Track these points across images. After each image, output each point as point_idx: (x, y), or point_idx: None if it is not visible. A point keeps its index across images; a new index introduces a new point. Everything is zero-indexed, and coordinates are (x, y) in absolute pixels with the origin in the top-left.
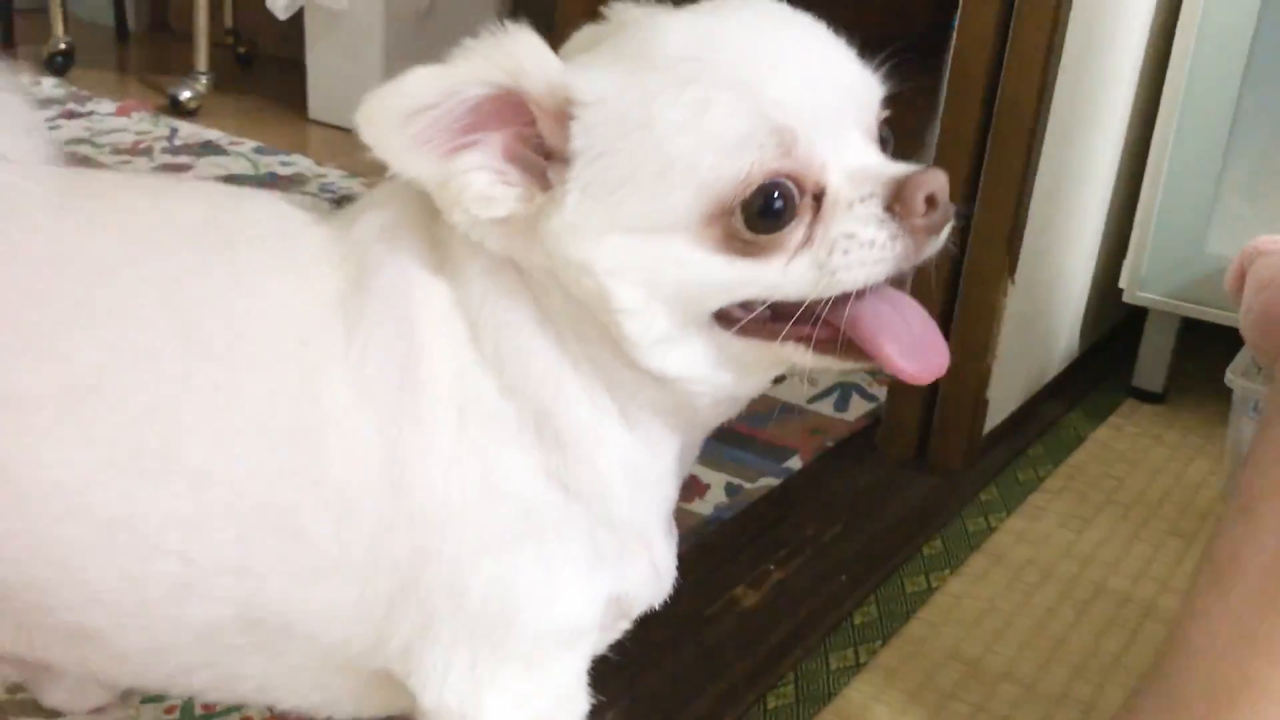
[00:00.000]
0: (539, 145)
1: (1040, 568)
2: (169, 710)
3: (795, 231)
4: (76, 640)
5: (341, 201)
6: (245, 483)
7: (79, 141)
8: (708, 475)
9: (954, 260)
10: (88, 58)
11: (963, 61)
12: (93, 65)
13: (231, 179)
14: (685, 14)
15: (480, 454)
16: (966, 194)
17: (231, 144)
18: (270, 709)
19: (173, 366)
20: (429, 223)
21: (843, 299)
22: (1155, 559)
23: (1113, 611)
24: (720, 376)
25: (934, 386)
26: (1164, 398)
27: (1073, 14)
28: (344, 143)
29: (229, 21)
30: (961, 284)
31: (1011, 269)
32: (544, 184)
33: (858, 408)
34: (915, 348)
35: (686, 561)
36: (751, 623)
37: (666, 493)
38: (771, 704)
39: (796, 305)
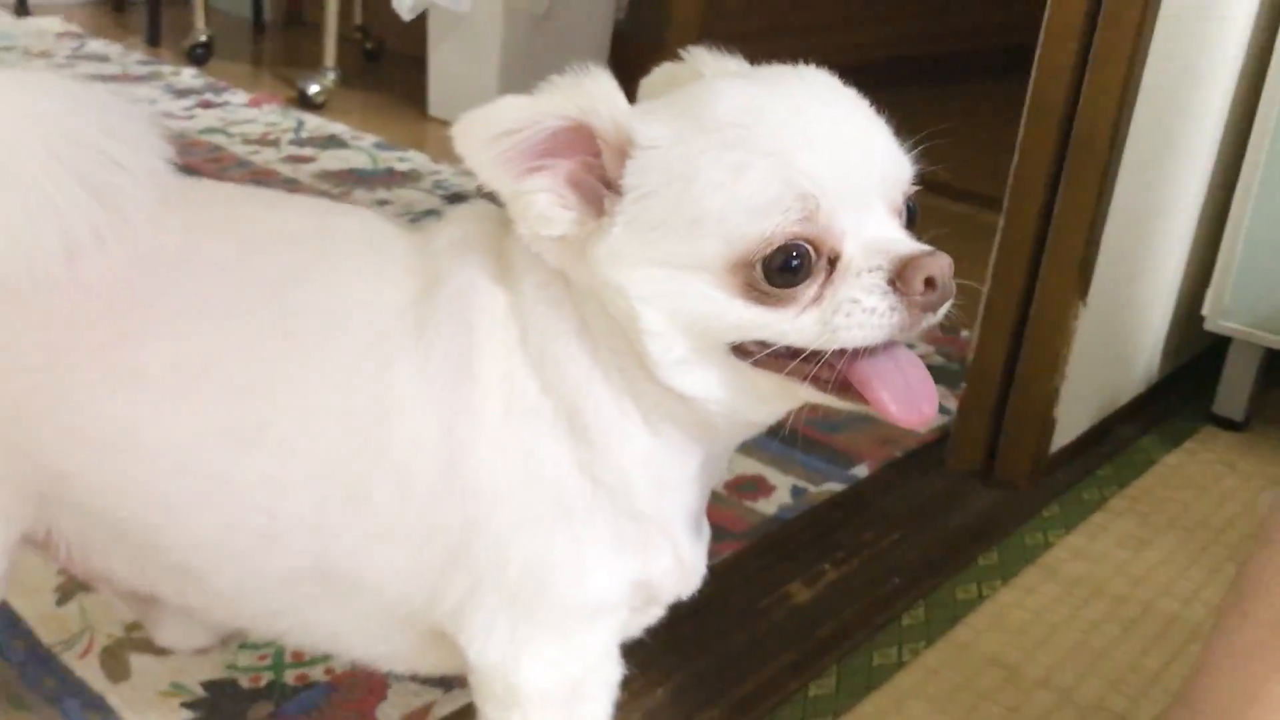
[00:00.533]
0: (600, 176)
1: (1092, 584)
2: (261, 657)
3: (808, 289)
4: (180, 577)
5: (454, 198)
6: (323, 454)
7: (212, 131)
8: (775, 477)
9: (1027, 279)
10: (226, 49)
11: (1041, 90)
12: (230, 57)
13: (351, 172)
14: (739, 81)
15: (521, 443)
16: (1040, 218)
17: (354, 138)
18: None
19: (271, 353)
20: (497, 240)
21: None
22: (1209, 583)
23: (1158, 630)
24: (735, 401)
25: (1003, 402)
26: (1245, 426)
27: (1159, 48)
28: None
29: (359, 18)
30: (1034, 303)
31: (1083, 293)
32: (598, 211)
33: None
34: (906, 395)
35: (744, 556)
36: (801, 617)
37: (691, 495)
38: (813, 692)
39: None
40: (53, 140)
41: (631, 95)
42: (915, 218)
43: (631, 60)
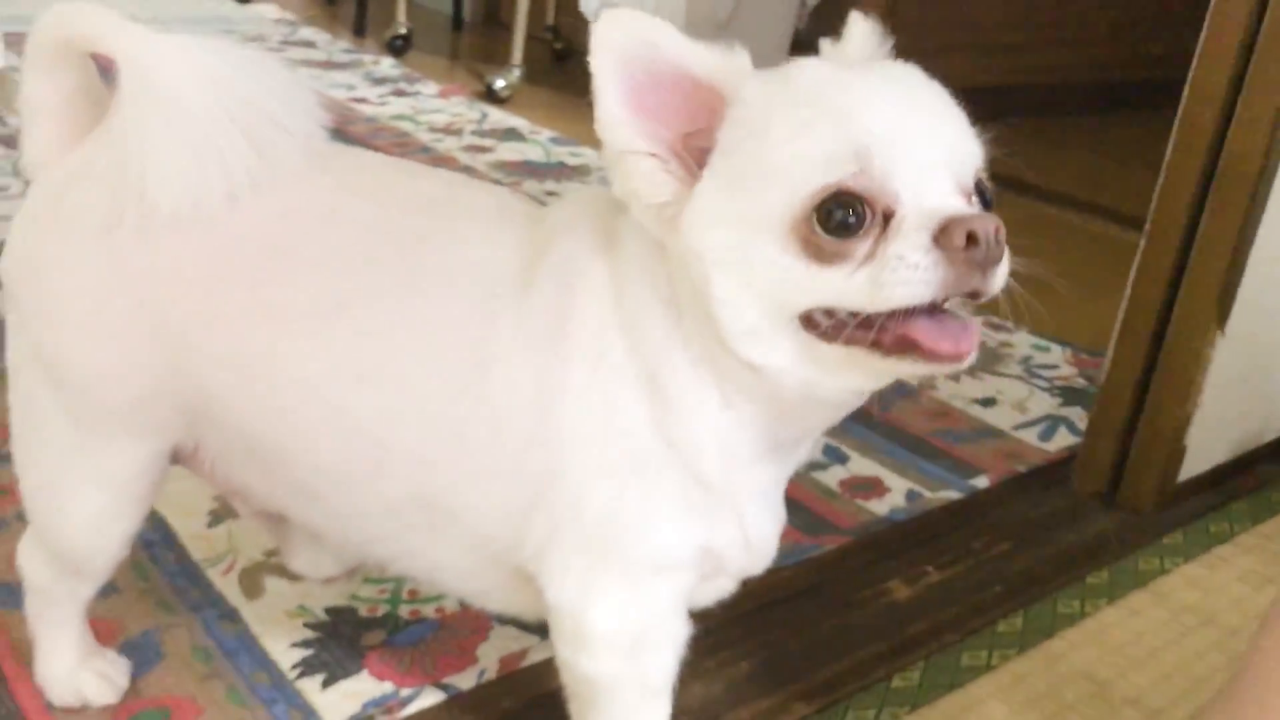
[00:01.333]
0: (702, 149)
1: (1203, 614)
2: (381, 591)
3: (861, 244)
4: (302, 496)
5: None
6: (433, 394)
7: (402, 118)
8: (892, 480)
9: (1164, 303)
10: (424, 43)
11: (1191, 114)
12: (427, 50)
13: (525, 164)
14: (831, 63)
15: (604, 396)
16: (1182, 243)
17: (531, 132)
18: (459, 605)
19: (394, 302)
20: (605, 217)
21: (901, 314)
22: None
23: None
24: (802, 372)
25: (1133, 426)
26: None
27: None
28: None
29: (550, 19)
30: (1170, 328)
31: (1221, 321)
32: (695, 182)
33: (1061, 440)
34: (948, 333)
35: (848, 550)
36: (897, 613)
37: (763, 474)
38: (895, 684)
39: (868, 317)
40: (225, 97)
41: None
42: (990, 203)
43: None
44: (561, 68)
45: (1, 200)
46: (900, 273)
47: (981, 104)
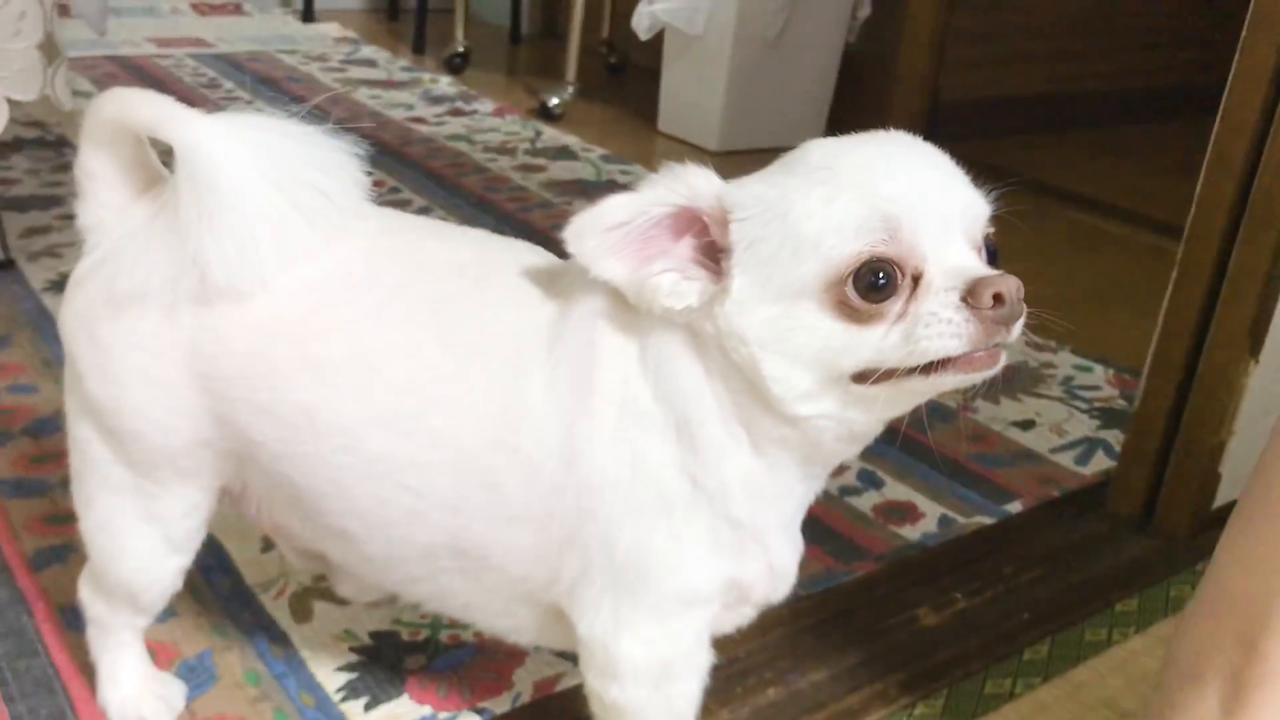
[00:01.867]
0: (712, 247)
1: None
2: (423, 616)
3: (894, 305)
4: (340, 539)
5: None
6: (465, 444)
7: (457, 138)
8: (925, 505)
9: (1198, 330)
10: (482, 59)
11: (1223, 144)
12: (485, 67)
13: (576, 183)
14: (832, 139)
15: (631, 442)
16: (1215, 270)
17: (583, 150)
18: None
19: (430, 357)
20: None
21: (935, 365)
22: None
23: None
24: (847, 414)
25: (1167, 451)
26: None
27: None
28: (685, 155)
29: (605, 32)
30: (1203, 355)
31: (1255, 351)
32: (718, 276)
33: (1098, 463)
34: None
35: (877, 577)
36: (923, 640)
37: (788, 506)
38: (919, 711)
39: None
40: (273, 172)
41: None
42: (996, 257)
43: (861, 84)
44: (616, 81)
45: (70, 227)
46: (934, 327)
47: (1036, 114)
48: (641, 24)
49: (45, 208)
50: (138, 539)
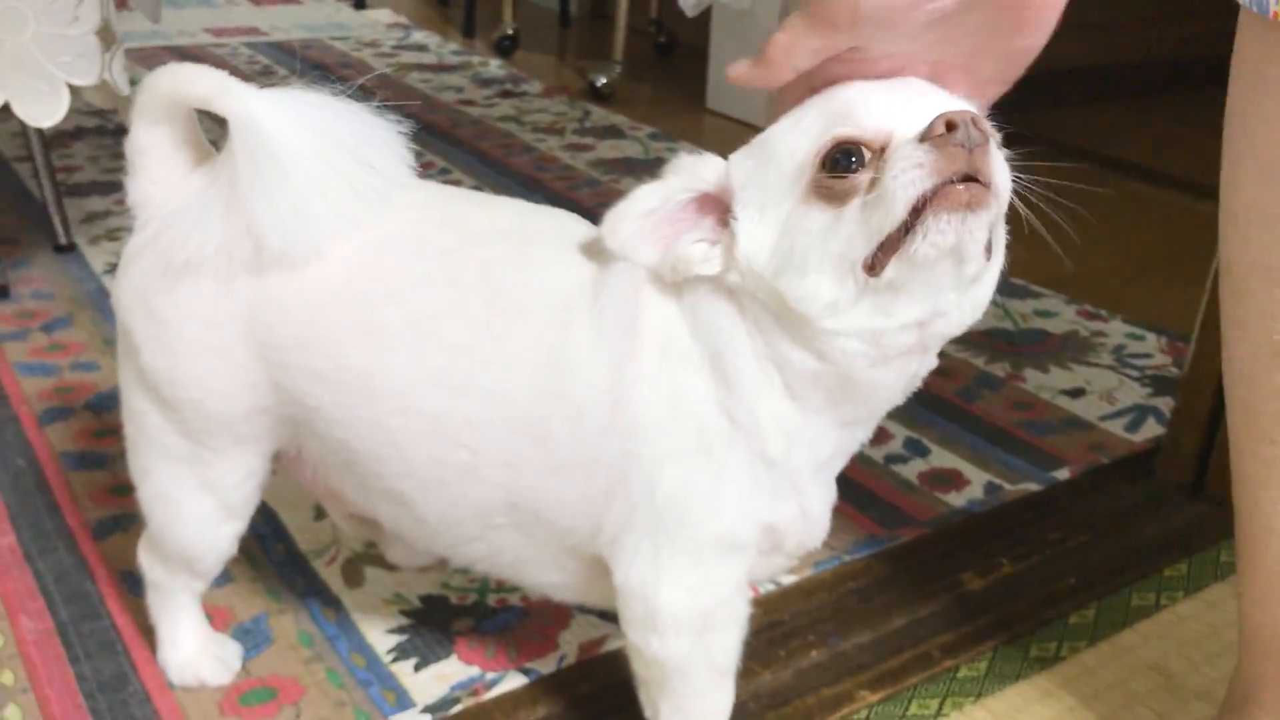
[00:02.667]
0: (727, 213)
1: None
2: (471, 580)
3: (864, 176)
4: (394, 502)
5: None
6: (516, 398)
7: (507, 119)
8: (971, 472)
9: None
10: (531, 41)
11: None
12: (534, 48)
13: (624, 161)
14: None
15: (671, 379)
16: None
17: (631, 129)
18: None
19: (479, 318)
20: None
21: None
22: None
23: None
24: (875, 323)
25: (1217, 415)
26: None
27: None
28: (734, 133)
29: (654, 12)
30: None
31: None
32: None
33: (1149, 430)
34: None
35: (923, 542)
36: (968, 604)
37: (823, 451)
38: (962, 673)
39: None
40: (324, 145)
41: None
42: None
43: None
44: (664, 60)
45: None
46: (896, 173)
47: (1091, 84)
48: (688, 1)
49: (105, 193)
50: (194, 506)
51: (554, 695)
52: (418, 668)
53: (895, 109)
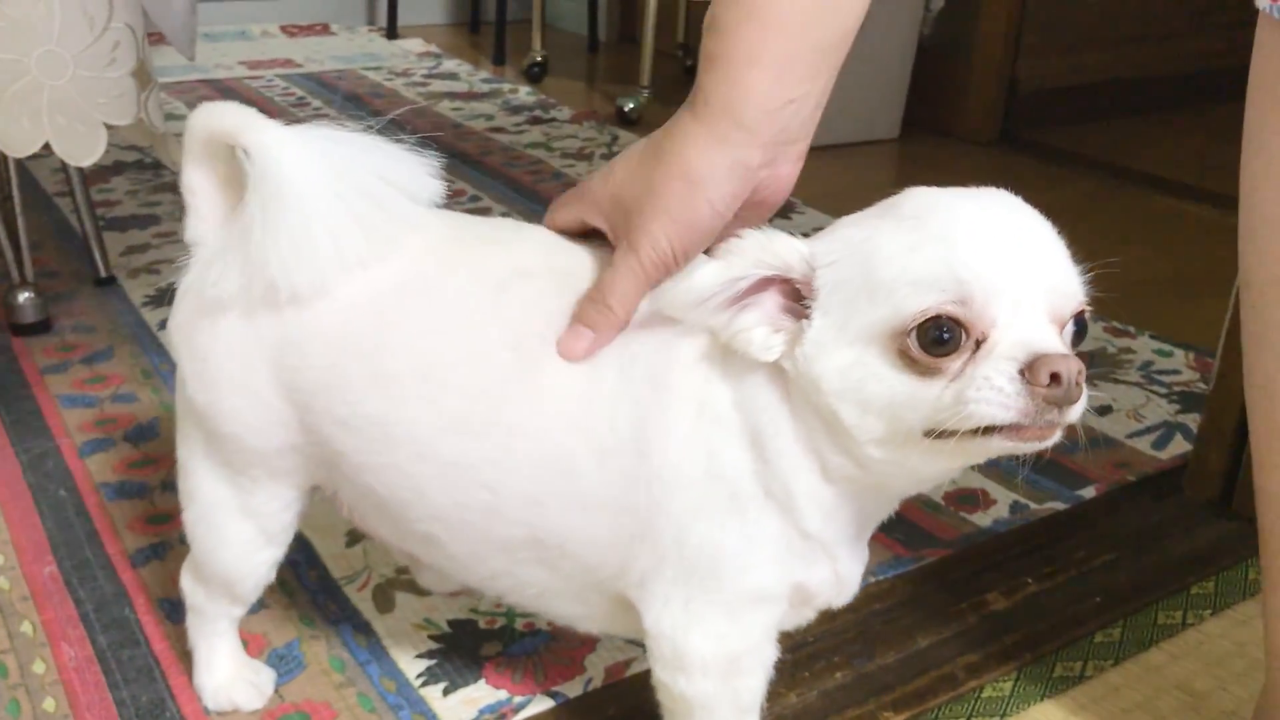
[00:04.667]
0: (798, 294)
1: None
2: (498, 605)
3: (954, 363)
4: (425, 542)
5: None
6: (541, 437)
7: (536, 145)
8: (997, 492)
9: None
10: (560, 68)
11: None
12: (564, 75)
13: None
14: (935, 189)
15: (707, 442)
16: None
17: None
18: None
19: (501, 362)
20: None
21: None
22: None
23: None
24: (916, 463)
25: (1244, 432)
26: None
27: None
28: None
29: (680, 36)
30: None
31: None
32: (802, 318)
33: (1176, 447)
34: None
35: (948, 562)
36: (993, 624)
37: (859, 524)
38: (986, 693)
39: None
40: (336, 182)
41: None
42: (1085, 333)
43: (937, 76)
44: (691, 85)
45: (167, 244)
46: (984, 392)
47: (1118, 99)
48: None
49: (144, 226)
50: (235, 532)
51: (581, 718)
52: (446, 692)
53: (1015, 288)
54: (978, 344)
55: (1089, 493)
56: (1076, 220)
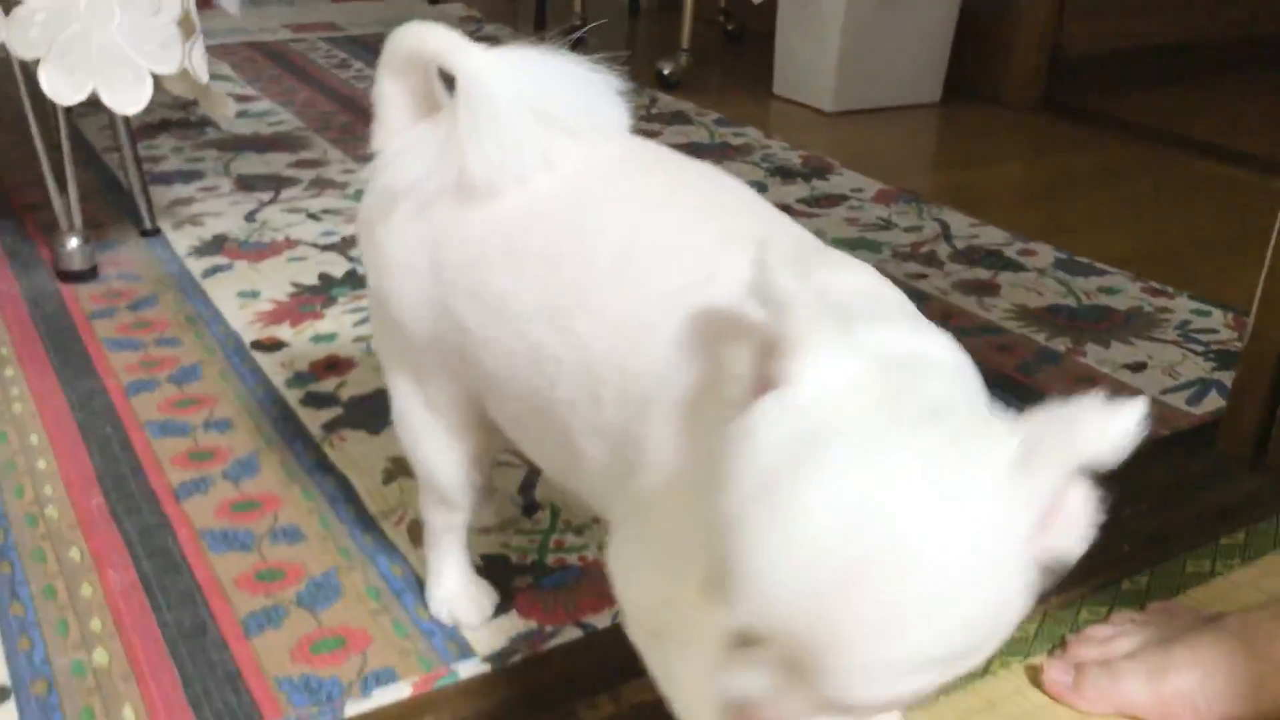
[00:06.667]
0: None
1: None
2: (531, 541)
3: None
4: (514, 424)
5: (779, 171)
6: (592, 353)
7: None
8: None
9: None
10: (601, 33)
11: None
12: (604, 39)
13: (688, 146)
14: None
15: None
16: None
17: (698, 114)
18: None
19: (600, 269)
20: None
21: None
22: None
23: None
24: None
25: (1278, 387)
26: None
27: None
28: (798, 117)
29: (722, 1)
30: None
31: None
32: None
33: (1210, 404)
34: None
35: None
36: None
37: None
38: (1013, 634)
39: None
40: (530, 98)
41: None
42: None
43: (979, 39)
44: (732, 48)
45: (211, 198)
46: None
47: (1164, 64)
48: None
49: (188, 181)
50: (422, 423)
51: (609, 646)
52: None
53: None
54: None
55: None
56: (1118, 182)
